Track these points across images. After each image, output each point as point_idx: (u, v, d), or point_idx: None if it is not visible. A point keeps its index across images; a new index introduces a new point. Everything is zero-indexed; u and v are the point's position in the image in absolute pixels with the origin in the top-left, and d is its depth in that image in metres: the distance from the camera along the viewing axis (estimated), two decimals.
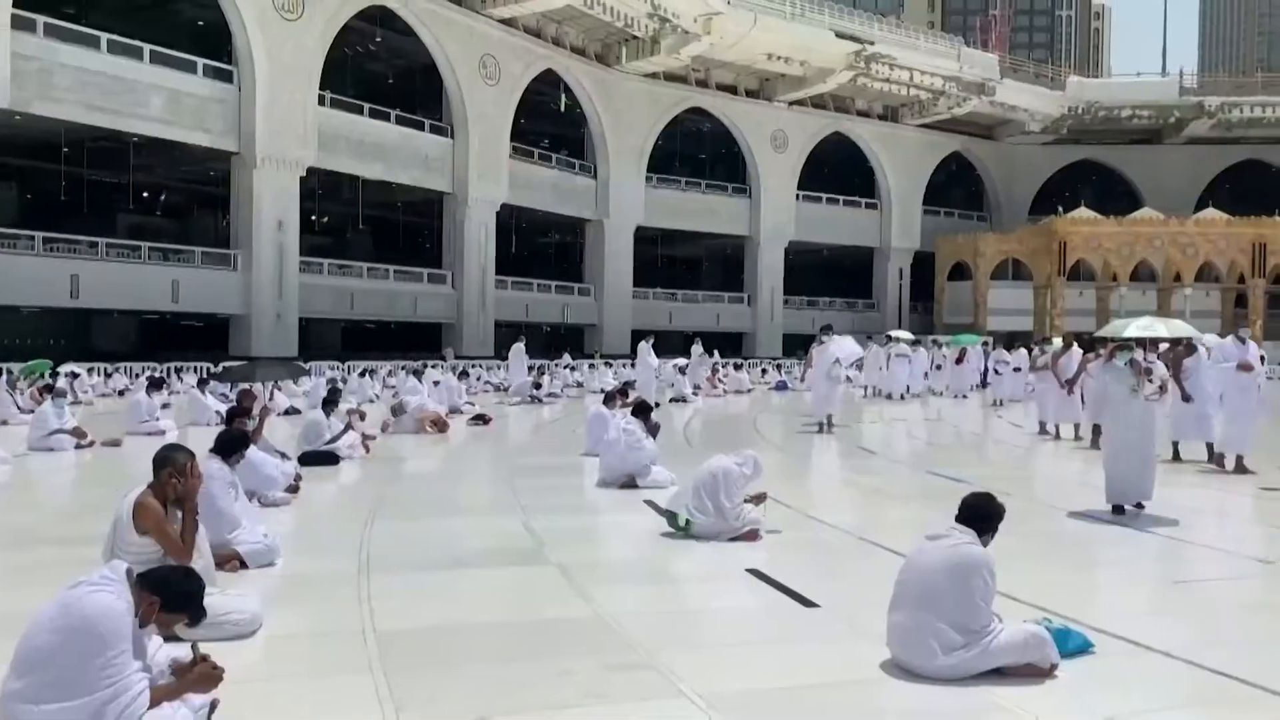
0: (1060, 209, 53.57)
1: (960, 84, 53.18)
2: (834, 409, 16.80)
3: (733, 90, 50.93)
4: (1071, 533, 8.52)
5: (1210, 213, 53.36)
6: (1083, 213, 52.59)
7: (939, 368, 28.86)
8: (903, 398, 25.43)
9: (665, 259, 54.57)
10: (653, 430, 10.37)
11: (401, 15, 37.43)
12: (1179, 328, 12.26)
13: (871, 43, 48.86)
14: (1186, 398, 12.07)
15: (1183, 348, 12.51)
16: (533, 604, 5.89)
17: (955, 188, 61.51)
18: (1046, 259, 52.06)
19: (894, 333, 30.20)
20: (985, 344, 29.07)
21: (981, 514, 4.65)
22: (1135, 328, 10.65)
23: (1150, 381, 9.22)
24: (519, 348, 28.85)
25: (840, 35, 47.88)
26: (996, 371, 25.34)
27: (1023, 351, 26.51)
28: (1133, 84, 61.89)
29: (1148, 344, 12.60)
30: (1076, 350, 15.96)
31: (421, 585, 6.30)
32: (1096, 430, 13.68)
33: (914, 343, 28.46)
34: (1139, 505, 8.73)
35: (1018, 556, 6.33)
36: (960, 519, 4.67)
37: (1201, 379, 12.24)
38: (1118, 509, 8.69)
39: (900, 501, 10.47)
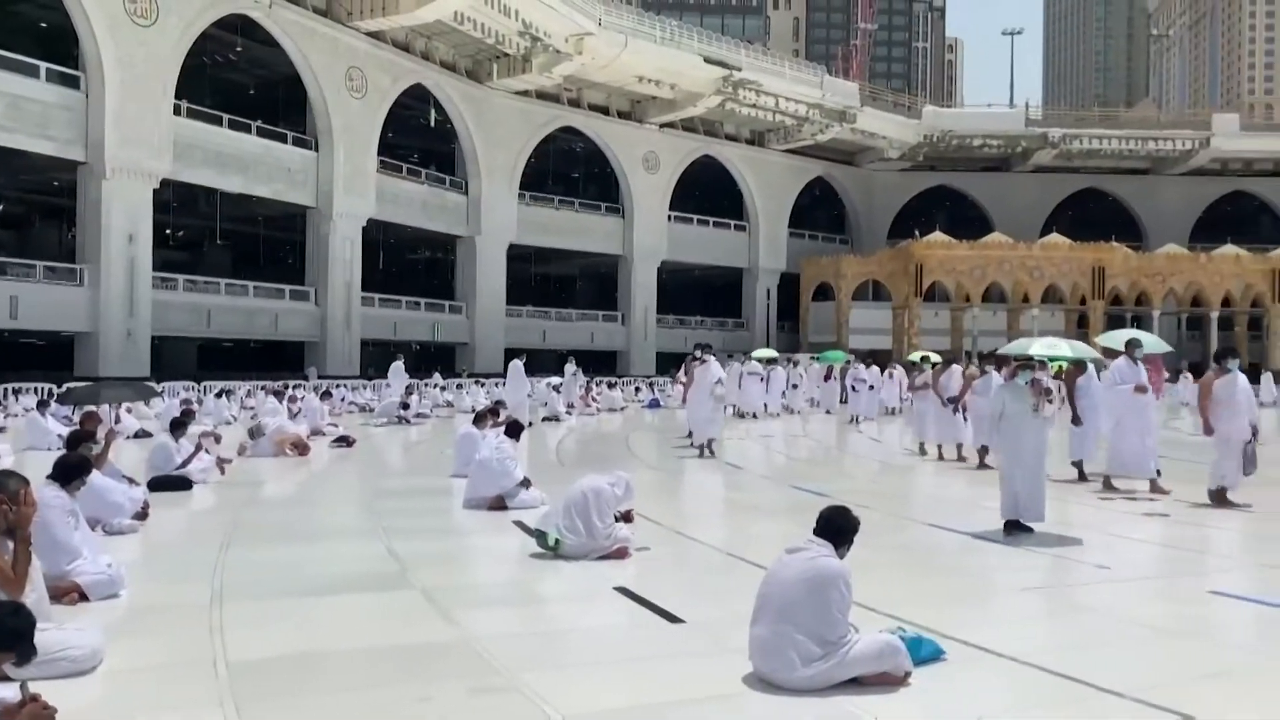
0: (917, 233, 55.91)
1: (823, 111, 54.99)
2: (717, 431, 16.14)
3: (605, 111, 51.34)
4: (926, 544, 8.87)
5: (1054, 237, 56.58)
6: (937, 236, 55.02)
7: (795, 386, 29.34)
8: (755, 416, 25.84)
9: (539, 277, 54.45)
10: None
11: (264, 25, 36.32)
12: (1082, 348, 12.04)
13: (739, 69, 50.04)
14: (1076, 420, 12.01)
15: (1074, 367, 12.31)
16: (395, 629, 5.75)
17: (819, 211, 63.52)
18: (904, 280, 54.20)
19: (756, 352, 30.86)
20: (847, 362, 29.91)
21: (838, 527, 4.80)
22: (1040, 346, 10.50)
23: (1050, 402, 9.25)
24: (398, 366, 28.50)
25: (709, 61, 48.86)
26: (854, 389, 25.74)
27: (875, 369, 27.43)
28: (983, 114, 65.24)
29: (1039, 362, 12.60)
30: (956, 368, 15.75)
31: (278, 613, 6.08)
32: (984, 450, 13.64)
33: (769, 361, 28.86)
34: (1027, 528, 8.66)
35: (874, 567, 6.55)
36: (818, 532, 4.81)
37: (1093, 399, 12.21)
38: (1011, 526, 8.68)
39: (766, 516, 10.68)
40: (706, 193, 56.54)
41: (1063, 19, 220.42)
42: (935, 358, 18.56)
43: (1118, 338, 12.66)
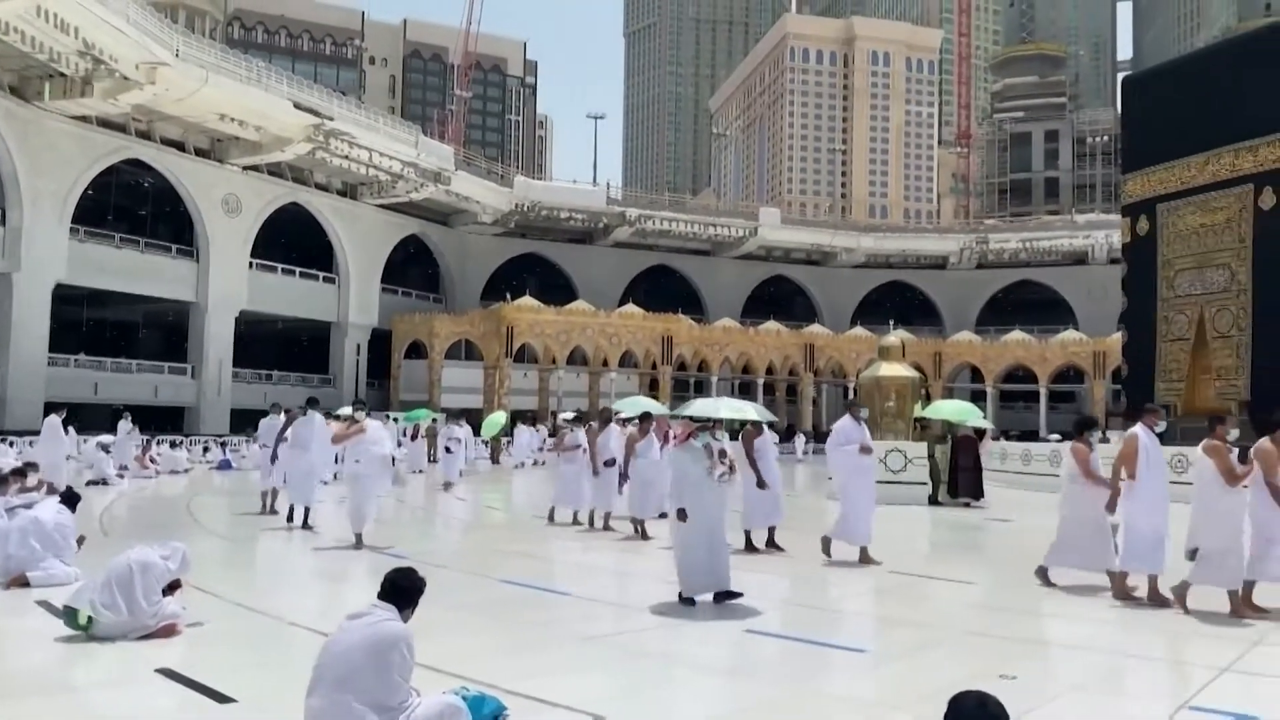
0: (508, 296, 57.80)
1: (418, 170, 55.26)
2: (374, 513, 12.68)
3: (180, 146, 47.50)
4: (499, 600, 8.98)
5: (630, 308, 61.21)
6: (527, 301, 57.23)
7: None
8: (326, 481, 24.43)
9: (93, 322, 48.61)
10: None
11: None
12: (765, 411, 11.49)
13: (331, 118, 48.87)
14: (761, 484, 11.42)
15: (751, 427, 11.72)
16: None
17: (413, 269, 63.44)
18: (496, 341, 55.60)
19: (342, 410, 29.83)
20: (434, 420, 29.69)
21: (401, 589, 4.71)
22: (727, 409, 9.89)
23: (723, 464, 9.06)
24: None
25: (299, 107, 47.21)
26: (448, 450, 24.30)
27: (467, 428, 27.36)
28: (569, 190, 69.29)
29: (714, 424, 11.65)
30: (615, 428, 14.37)
31: None
32: (664, 515, 12.02)
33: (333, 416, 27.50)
34: (731, 595, 8.37)
35: (445, 626, 6.53)
36: (382, 595, 4.69)
37: (770, 462, 11.85)
38: (689, 601, 8.37)
39: (340, 582, 10.24)
40: (294, 242, 54.14)
41: (640, 110, 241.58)
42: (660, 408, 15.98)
43: (641, 404, 13.17)
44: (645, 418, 13.75)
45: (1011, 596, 9.28)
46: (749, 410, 10.24)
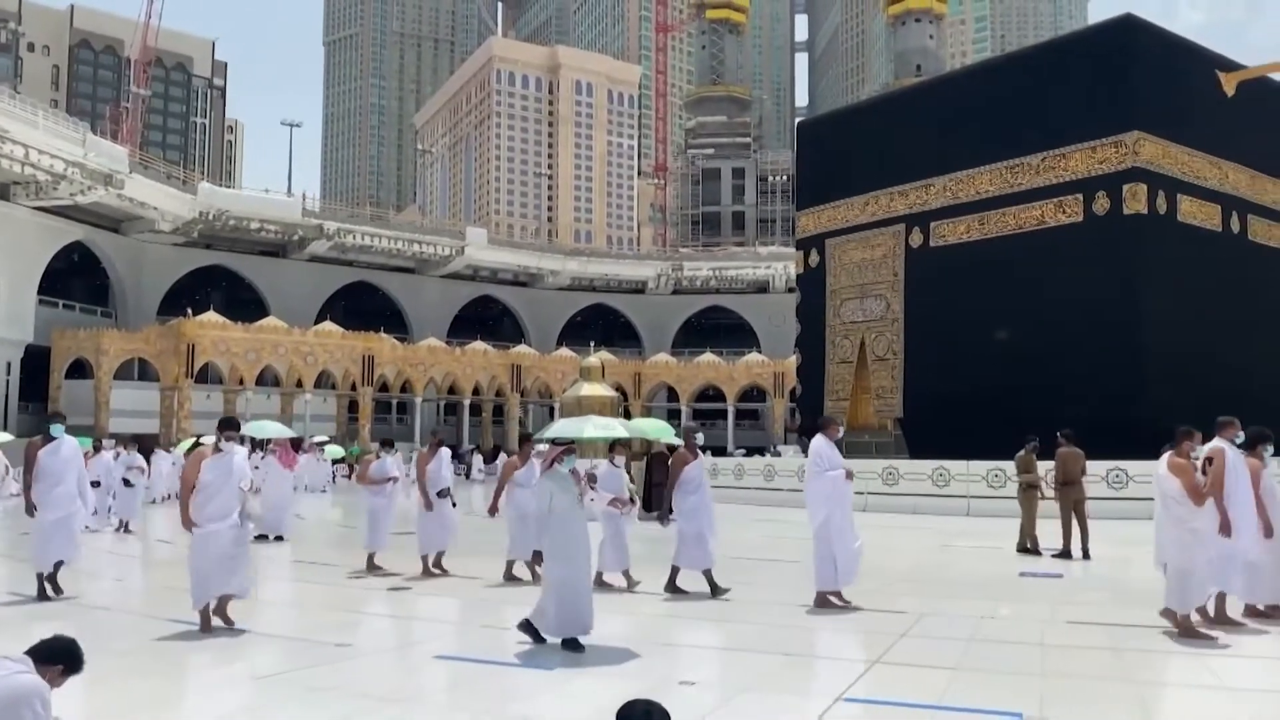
0: (190, 311, 53.64)
1: (85, 171, 50.10)
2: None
3: None
4: (169, 642, 8.26)
5: (328, 325, 58.75)
6: (211, 316, 53.41)
7: None
8: None
9: None
10: None
11: None
12: (639, 427, 10.18)
13: None
14: (664, 517, 9.98)
15: (685, 449, 10.08)
16: None
17: (77, 279, 57.37)
18: (175, 360, 51.40)
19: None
20: (97, 446, 26.45)
21: (54, 645, 4.24)
22: (594, 427, 8.67)
23: (592, 488, 8.25)
24: None
25: None
26: (127, 483, 19.46)
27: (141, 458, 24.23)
28: (261, 199, 65.59)
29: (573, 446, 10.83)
30: (446, 452, 12.55)
31: None
32: (539, 556, 9.51)
33: None
34: (576, 645, 7.46)
35: (105, 675, 5.89)
36: (30, 650, 4.19)
37: (702, 494, 10.04)
38: (528, 627, 7.67)
39: None
40: None
41: (340, 120, 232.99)
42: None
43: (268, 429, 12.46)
44: (525, 440, 12.10)
45: (698, 605, 9.75)
46: (617, 428, 9.02)
